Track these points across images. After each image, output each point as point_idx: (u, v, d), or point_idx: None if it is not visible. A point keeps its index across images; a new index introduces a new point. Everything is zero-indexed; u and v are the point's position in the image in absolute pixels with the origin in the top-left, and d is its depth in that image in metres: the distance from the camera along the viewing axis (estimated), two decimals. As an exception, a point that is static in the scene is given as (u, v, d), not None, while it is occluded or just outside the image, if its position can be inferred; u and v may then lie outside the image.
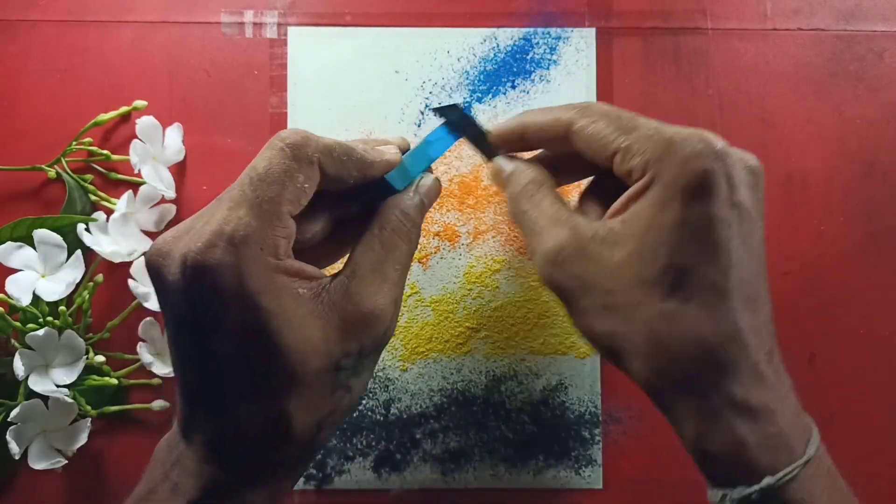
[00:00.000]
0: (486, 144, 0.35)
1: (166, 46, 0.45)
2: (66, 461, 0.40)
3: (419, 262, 0.44)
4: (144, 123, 0.42)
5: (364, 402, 0.44)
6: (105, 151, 0.44)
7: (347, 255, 0.31)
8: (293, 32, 0.45)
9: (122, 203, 0.41)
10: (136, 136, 0.42)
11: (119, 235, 0.42)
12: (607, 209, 0.30)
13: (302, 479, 0.43)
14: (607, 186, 0.32)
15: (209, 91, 0.45)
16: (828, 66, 0.45)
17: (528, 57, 0.45)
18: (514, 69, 0.45)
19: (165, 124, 0.44)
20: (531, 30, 0.45)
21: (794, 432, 0.28)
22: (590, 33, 0.45)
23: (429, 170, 0.33)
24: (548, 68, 0.45)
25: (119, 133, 0.45)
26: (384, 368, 0.44)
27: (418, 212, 0.32)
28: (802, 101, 0.45)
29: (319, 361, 0.28)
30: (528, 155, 0.35)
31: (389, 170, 0.32)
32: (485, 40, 0.45)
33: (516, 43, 0.45)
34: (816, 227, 0.45)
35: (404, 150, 0.33)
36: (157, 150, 0.43)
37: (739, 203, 0.28)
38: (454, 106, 0.34)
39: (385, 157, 0.31)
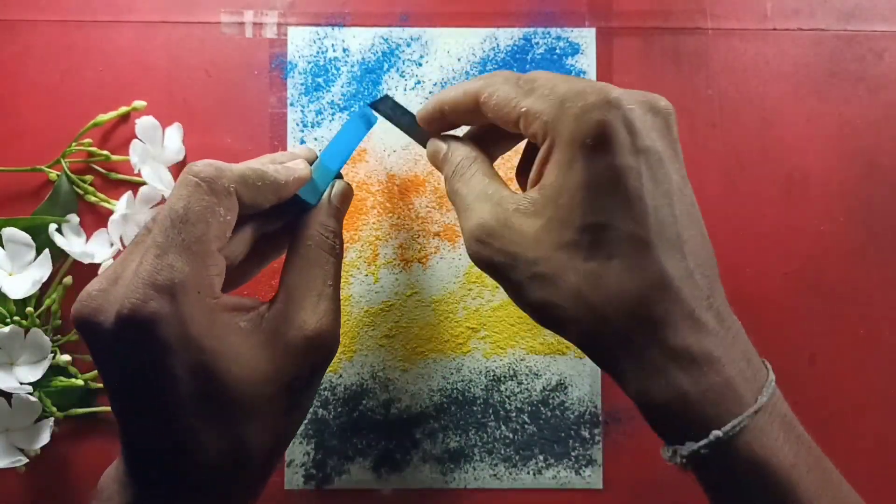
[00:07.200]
0: (419, 129, 0.35)
1: (166, 46, 0.45)
2: (28, 461, 0.40)
3: (419, 262, 0.44)
4: (144, 123, 0.42)
5: (364, 402, 0.44)
6: (105, 152, 0.44)
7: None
8: (293, 32, 0.45)
9: (121, 204, 0.41)
10: (135, 136, 0.42)
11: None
12: None
13: (302, 479, 0.43)
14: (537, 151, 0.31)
15: (209, 91, 0.45)
16: (828, 66, 0.45)
17: (529, 57, 0.45)
18: (515, 69, 0.45)
19: (165, 124, 0.43)
20: (531, 30, 0.45)
21: (744, 380, 0.27)
22: (590, 33, 0.45)
23: (339, 175, 0.34)
24: (548, 68, 0.45)
25: (119, 133, 0.45)
26: (384, 369, 0.44)
27: (336, 221, 0.32)
28: (802, 101, 0.45)
29: (272, 389, 0.28)
30: (461, 131, 0.35)
31: (301, 186, 0.32)
32: (485, 40, 0.45)
33: (516, 43, 0.45)
34: (816, 227, 0.45)
35: (312, 160, 0.34)
36: (156, 150, 0.43)
37: (646, 148, 0.27)
38: (386, 97, 0.35)
39: (296, 174, 0.32)
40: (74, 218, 0.43)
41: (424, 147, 0.35)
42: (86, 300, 0.27)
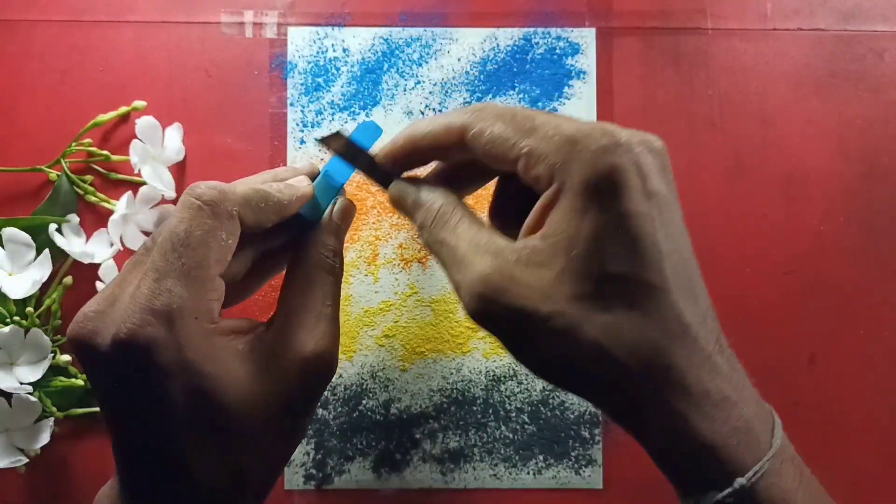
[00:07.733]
0: (379, 170, 0.32)
1: (166, 46, 0.45)
2: (28, 461, 0.40)
3: (419, 262, 0.44)
4: (144, 123, 0.42)
5: (364, 402, 0.44)
6: (105, 152, 0.44)
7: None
8: (293, 32, 0.45)
9: (121, 204, 0.41)
10: (135, 136, 0.42)
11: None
12: (520, 216, 0.28)
13: (302, 479, 0.43)
14: (514, 190, 0.29)
15: (209, 91, 0.45)
16: (828, 66, 0.45)
17: (529, 57, 0.45)
18: (514, 69, 0.45)
19: (165, 124, 0.43)
20: (531, 30, 0.45)
21: (760, 422, 0.26)
22: (590, 33, 0.45)
23: (341, 192, 0.33)
24: (548, 68, 0.45)
25: (119, 133, 0.45)
26: (384, 369, 0.44)
27: (337, 240, 0.32)
28: (802, 101, 0.45)
29: (270, 413, 0.28)
30: (424, 170, 0.32)
31: (304, 204, 0.31)
32: (485, 40, 0.45)
33: (516, 43, 0.45)
34: (816, 227, 0.45)
35: (314, 176, 0.33)
36: (156, 150, 0.43)
37: (654, 192, 0.26)
38: (337, 134, 0.32)
39: (298, 193, 0.31)
40: (74, 218, 0.43)
41: (384, 188, 0.32)
42: (82, 321, 0.27)
